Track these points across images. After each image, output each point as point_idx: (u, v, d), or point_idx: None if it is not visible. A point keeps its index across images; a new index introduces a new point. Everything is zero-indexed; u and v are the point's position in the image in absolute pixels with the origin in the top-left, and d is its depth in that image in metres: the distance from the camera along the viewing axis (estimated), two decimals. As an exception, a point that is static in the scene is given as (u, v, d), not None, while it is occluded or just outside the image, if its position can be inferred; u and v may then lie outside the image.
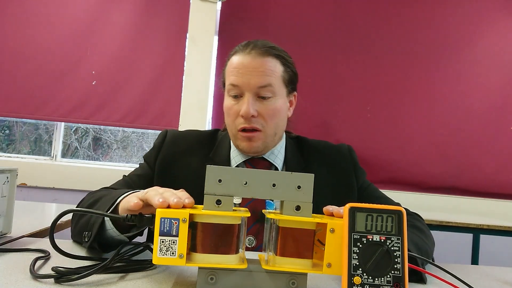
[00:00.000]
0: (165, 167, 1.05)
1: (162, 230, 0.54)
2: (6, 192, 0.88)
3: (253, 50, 1.00)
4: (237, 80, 0.99)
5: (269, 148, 1.05)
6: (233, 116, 1.00)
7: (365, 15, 3.27)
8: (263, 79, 0.98)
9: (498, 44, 3.29)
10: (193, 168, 1.04)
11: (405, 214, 0.55)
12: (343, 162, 1.10)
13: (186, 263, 0.54)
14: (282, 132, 1.08)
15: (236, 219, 0.57)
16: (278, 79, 1.01)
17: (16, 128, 3.49)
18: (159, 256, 0.54)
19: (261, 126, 0.99)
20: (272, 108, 1.00)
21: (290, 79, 1.05)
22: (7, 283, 0.57)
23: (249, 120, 0.98)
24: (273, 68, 1.00)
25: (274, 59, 1.01)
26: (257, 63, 0.98)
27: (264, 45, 1.03)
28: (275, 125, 1.01)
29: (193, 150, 1.07)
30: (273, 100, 1.00)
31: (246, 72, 0.98)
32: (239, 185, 0.57)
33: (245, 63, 0.99)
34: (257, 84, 0.98)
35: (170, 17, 3.15)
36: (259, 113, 0.98)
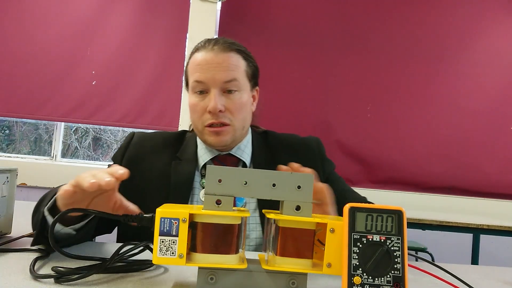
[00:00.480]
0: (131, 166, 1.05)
1: (162, 230, 0.54)
2: (6, 192, 0.88)
3: (215, 46, 1.00)
4: (202, 76, 0.98)
5: (237, 143, 1.05)
6: (200, 113, 1.00)
7: (365, 15, 3.27)
8: (228, 73, 0.98)
9: (498, 44, 3.29)
10: (159, 166, 1.04)
11: (405, 214, 0.55)
12: (310, 155, 1.09)
13: (186, 263, 0.54)
14: (248, 126, 1.08)
15: (236, 219, 0.57)
16: (242, 73, 1.01)
17: (16, 128, 3.49)
18: (159, 256, 0.54)
19: (229, 120, 0.99)
20: (239, 102, 1.00)
21: (252, 73, 1.06)
22: (7, 283, 0.57)
23: (217, 115, 0.98)
24: (236, 62, 1.00)
25: (237, 54, 1.02)
26: (221, 59, 0.99)
27: (226, 41, 1.03)
28: (242, 119, 1.02)
29: (160, 150, 1.07)
30: (238, 94, 1.00)
31: (210, 68, 0.98)
32: (239, 185, 0.57)
33: (208, 59, 0.99)
34: (222, 79, 0.98)
35: (170, 17, 3.15)
36: (226, 108, 0.98)
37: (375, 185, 3.16)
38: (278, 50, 3.18)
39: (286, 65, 3.20)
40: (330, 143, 3.12)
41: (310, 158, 1.08)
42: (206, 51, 1.00)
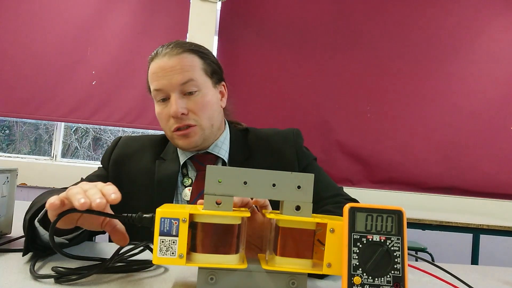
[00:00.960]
0: (117, 167, 1.07)
1: (162, 230, 0.54)
2: (6, 192, 0.88)
3: (167, 50, 1.01)
4: (159, 84, 0.99)
5: (210, 141, 1.05)
6: (165, 120, 1.01)
7: (365, 15, 3.27)
8: (183, 75, 0.98)
9: (499, 45, 3.29)
10: (143, 166, 1.06)
11: (405, 214, 0.55)
12: (286, 148, 1.08)
13: (186, 263, 0.54)
14: (220, 123, 1.07)
15: (236, 219, 0.57)
16: (199, 72, 1.01)
17: (16, 128, 3.49)
18: (159, 256, 0.54)
19: (194, 121, 1.00)
20: (201, 102, 1.00)
21: (212, 70, 1.05)
22: (7, 283, 0.57)
23: (181, 119, 0.98)
24: (190, 63, 1.00)
25: (190, 54, 1.01)
26: (174, 62, 0.99)
27: (177, 44, 1.03)
28: (208, 117, 1.01)
29: (145, 150, 1.09)
30: (199, 94, 1.00)
31: (165, 74, 0.98)
32: (239, 185, 0.57)
33: (162, 65, 0.99)
34: (178, 82, 0.98)
35: (170, 17, 3.15)
36: (189, 110, 0.99)
37: (375, 185, 3.16)
38: (278, 50, 3.18)
39: (286, 65, 3.20)
40: (330, 143, 3.12)
41: (286, 151, 1.07)
42: (159, 58, 1.01)
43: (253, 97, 3.12)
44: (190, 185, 1.03)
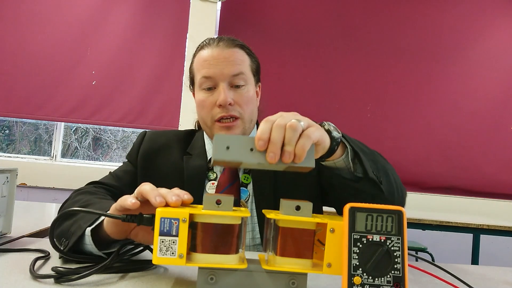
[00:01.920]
0: (146, 162, 1.07)
1: (162, 230, 0.54)
2: (6, 192, 0.88)
3: (220, 43, 1.03)
4: (210, 72, 0.99)
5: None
6: (209, 108, 1.01)
7: (365, 15, 3.27)
8: (235, 67, 0.99)
9: (499, 45, 3.29)
10: (172, 161, 1.06)
11: (405, 214, 0.55)
12: None
13: (186, 263, 0.54)
14: (255, 120, 1.09)
15: (236, 219, 0.57)
16: (247, 68, 1.03)
17: (16, 128, 3.49)
18: (159, 256, 0.54)
19: (239, 113, 1.00)
20: (247, 96, 1.01)
21: (256, 69, 1.08)
22: (7, 283, 0.57)
23: (227, 109, 0.98)
24: (241, 57, 1.02)
25: (241, 49, 1.04)
26: (227, 53, 1.00)
27: (229, 38, 1.05)
28: (250, 112, 1.03)
29: (172, 146, 1.09)
30: (246, 88, 1.01)
31: (218, 63, 0.99)
32: (246, 151, 0.57)
33: (215, 55, 1.00)
34: (230, 72, 0.99)
35: (170, 17, 3.15)
36: (235, 101, 0.99)
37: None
38: (278, 50, 3.18)
39: (286, 65, 3.20)
40: (330, 143, 3.12)
41: None
42: (212, 47, 1.02)
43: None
44: (214, 179, 1.03)
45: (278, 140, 0.58)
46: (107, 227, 0.69)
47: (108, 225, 0.69)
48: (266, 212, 0.61)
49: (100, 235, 0.70)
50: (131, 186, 1.00)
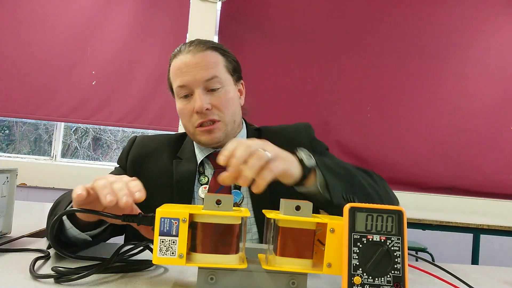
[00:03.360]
0: (135, 167, 1.07)
1: (162, 230, 0.54)
2: (6, 192, 0.88)
3: (191, 47, 1.02)
4: (184, 80, 1.00)
5: (231, 138, 1.05)
6: (188, 116, 1.01)
7: (365, 15, 3.27)
8: (208, 72, 0.99)
9: (499, 45, 3.29)
10: (161, 166, 1.06)
11: (405, 214, 0.55)
12: (299, 138, 1.09)
13: (186, 263, 0.54)
14: (240, 120, 1.09)
15: (236, 219, 0.57)
16: (222, 69, 1.02)
17: (16, 128, 3.49)
18: (159, 256, 0.54)
19: (218, 116, 1.00)
20: (224, 98, 1.01)
21: (233, 68, 1.07)
22: (7, 283, 0.57)
23: (205, 114, 0.99)
24: (214, 59, 1.01)
25: (213, 51, 1.03)
26: (198, 58, 1.00)
27: (200, 41, 1.04)
28: (231, 113, 1.02)
29: (162, 150, 1.09)
30: (223, 90, 1.01)
31: (190, 70, 0.99)
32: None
33: (186, 62, 1.00)
34: (203, 78, 0.99)
35: (170, 17, 3.15)
36: (213, 105, 0.99)
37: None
38: (278, 50, 3.18)
39: (286, 65, 3.20)
40: (330, 143, 3.11)
41: (299, 140, 1.08)
42: (183, 54, 1.02)
43: (253, 97, 3.12)
44: (206, 183, 1.03)
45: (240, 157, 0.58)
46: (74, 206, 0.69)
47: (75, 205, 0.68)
48: (266, 212, 0.61)
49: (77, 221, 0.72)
50: None
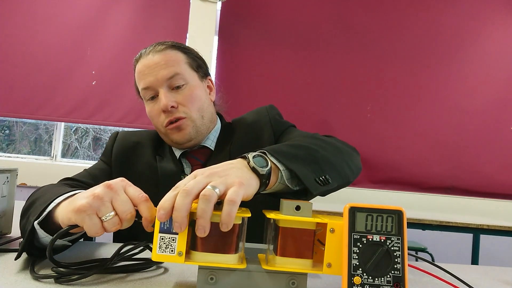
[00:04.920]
0: (120, 161, 1.07)
1: (162, 227, 0.54)
2: (6, 192, 0.88)
3: (150, 49, 1.03)
4: (146, 82, 1.01)
5: (204, 134, 1.05)
6: (157, 116, 1.02)
7: (365, 15, 3.27)
8: (169, 70, 0.99)
9: (499, 45, 3.29)
10: (146, 160, 1.05)
11: (405, 214, 0.55)
12: (260, 120, 1.08)
13: (185, 261, 0.54)
14: (211, 115, 1.08)
15: (237, 219, 0.57)
16: (183, 66, 1.02)
17: (16, 128, 3.49)
18: (158, 253, 0.54)
19: (184, 113, 1.00)
20: (189, 94, 1.01)
21: (197, 64, 1.07)
22: (7, 283, 0.57)
23: (171, 112, 0.99)
24: (174, 57, 1.02)
25: (173, 50, 1.03)
26: (158, 58, 1.01)
27: (160, 43, 1.05)
28: (198, 109, 1.02)
29: (144, 145, 1.09)
30: (187, 87, 1.01)
31: (151, 71, 1.00)
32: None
33: (147, 63, 1.01)
34: (164, 76, 0.99)
35: (170, 17, 3.15)
36: (178, 103, 1.00)
37: (375, 185, 3.16)
38: (278, 50, 3.18)
39: (286, 65, 3.20)
40: (330, 143, 3.12)
41: (260, 122, 1.07)
42: (143, 57, 1.03)
43: (253, 97, 3.12)
44: None
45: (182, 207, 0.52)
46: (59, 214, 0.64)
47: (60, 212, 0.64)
48: (266, 212, 0.61)
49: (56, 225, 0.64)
50: None
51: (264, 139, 1.05)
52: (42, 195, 0.75)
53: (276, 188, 0.68)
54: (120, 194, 0.59)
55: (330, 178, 0.71)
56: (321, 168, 0.71)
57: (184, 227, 0.53)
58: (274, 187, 0.68)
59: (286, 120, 1.12)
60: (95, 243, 0.89)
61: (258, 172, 0.63)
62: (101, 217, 0.57)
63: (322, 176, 0.70)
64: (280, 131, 1.06)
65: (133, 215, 0.59)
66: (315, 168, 0.70)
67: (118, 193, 0.59)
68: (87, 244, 0.87)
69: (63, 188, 0.76)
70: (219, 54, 3.12)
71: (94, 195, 0.58)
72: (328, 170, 0.72)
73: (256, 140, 1.04)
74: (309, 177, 0.68)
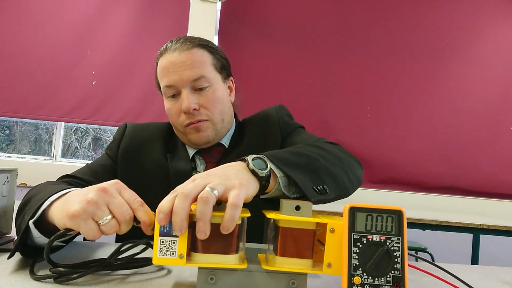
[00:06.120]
0: (127, 158, 1.04)
1: (162, 230, 0.54)
2: (6, 192, 0.88)
3: (177, 45, 1.00)
4: (170, 80, 0.98)
5: (221, 135, 1.05)
6: (176, 115, 1.00)
7: (365, 15, 3.27)
8: (194, 71, 0.97)
9: (498, 44, 3.29)
10: (155, 158, 1.03)
11: (405, 214, 0.55)
12: (269, 121, 1.07)
13: (186, 263, 0.54)
14: (230, 118, 1.07)
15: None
16: (209, 67, 1.00)
17: (16, 128, 3.49)
18: (159, 257, 0.54)
19: (206, 116, 0.99)
20: (212, 97, 0.99)
21: (222, 65, 1.05)
22: (7, 283, 0.57)
23: (193, 115, 0.98)
24: (201, 58, 0.99)
25: (200, 49, 1.00)
26: (184, 57, 0.98)
27: (187, 39, 1.02)
28: (220, 112, 1.01)
29: (154, 141, 1.06)
30: (211, 89, 0.99)
31: (176, 69, 0.97)
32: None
33: (173, 61, 0.98)
34: (190, 78, 0.97)
35: (170, 17, 3.15)
36: (200, 105, 0.98)
37: (375, 185, 3.16)
38: (278, 50, 3.18)
39: (286, 65, 3.20)
40: (330, 143, 3.12)
41: (269, 123, 1.07)
42: (169, 53, 1.00)
43: (253, 97, 3.12)
44: None
45: (181, 210, 0.52)
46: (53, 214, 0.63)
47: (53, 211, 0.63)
48: (266, 212, 0.61)
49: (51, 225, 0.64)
50: None
51: (271, 141, 1.04)
52: (37, 193, 0.74)
53: (274, 194, 0.68)
54: (115, 196, 0.58)
55: (328, 188, 0.70)
56: (319, 177, 0.71)
57: (184, 230, 0.53)
58: (271, 192, 0.67)
59: (294, 121, 1.12)
60: (96, 243, 0.89)
61: (258, 175, 0.63)
62: (97, 221, 0.57)
63: (320, 186, 0.69)
64: (286, 133, 1.06)
65: (132, 216, 0.58)
66: (314, 177, 0.70)
67: (113, 196, 0.58)
68: (87, 245, 0.87)
69: (57, 186, 0.73)
70: (219, 54, 3.12)
71: (87, 200, 0.57)
72: (327, 180, 0.72)
73: (264, 141, 1.04)
74: (307, 185, 0.67)
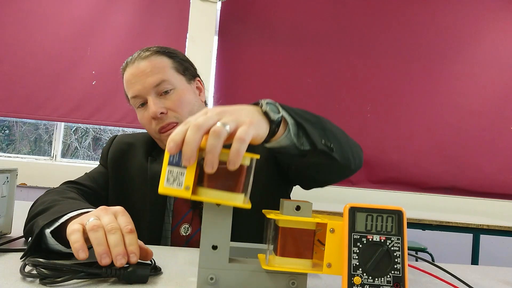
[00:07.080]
0: (115, 164, 1.09)
1: (171, 160, 0.54)
2: (6, 192, 0.88)
3: (135, 57, 1.04)
4: (134, 91, 1.01)
5: None
6: (148, 123, 1.03)
7: (365, 15, 3.27)
8: (155, 77, 1.00)
9: (498, 45, 3.29)
10: (138, 162, 1.07)
11: (405, 214, 0.55)
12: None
13: (191, 196, 0.54)
14: None
15: (245, 160, 0.56)
16: (170, 71, 1.03)
17: (16, 128, 3.49)
18: (165, 186, 0.53)
19: (175, 118, 1.01)
20: (178, 99, 1.01)
21: (184, 67, 1.07)
22: (7, 283, 0.57)
23: (161, 119, 1.00)
24: (159, 64, 1.02)
25: (159, 56, 1.03)
26: (144, 66, 1.01)
27: (144, 49, 1.06)
28: (189, 113, 1.02)
29: (138, 147, 1.11)
30: (175, 92, 1.02)
31: (138, 79, 1.01)
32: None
33: (133, 72, 1.02)
34: (151, 84, 1.00)
35: (170, 17, 3.15)
36: (168, 108, 1.00)
37: (375, 185, 3.16)
38: (278, 50, 3.18)
39: (286, 65, 3.20)
40: (330, 143, 3.12)
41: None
42: (130, 66, 1.04)
43: (253, 97, 3.12)
44: None
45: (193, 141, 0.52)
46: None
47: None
48: (266, 212, 0.61)
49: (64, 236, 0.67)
50: (106, 188, 1.07)
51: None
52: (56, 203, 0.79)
53: (282, 142, 0.67)
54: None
55: (334, 148, 0.71)
56: (327, 136, 0.71)
57: (193, 160, 0.52)
58: (280, 139, 0.67)
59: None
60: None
61: (270, 118, 0.63)
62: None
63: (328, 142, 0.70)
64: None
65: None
66: (321, 134, 0.70)
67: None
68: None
69: (77, 203, 0.79)
70: (219, 54, 3.12)
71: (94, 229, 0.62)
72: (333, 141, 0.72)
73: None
74: (315, 134, 0.68)
